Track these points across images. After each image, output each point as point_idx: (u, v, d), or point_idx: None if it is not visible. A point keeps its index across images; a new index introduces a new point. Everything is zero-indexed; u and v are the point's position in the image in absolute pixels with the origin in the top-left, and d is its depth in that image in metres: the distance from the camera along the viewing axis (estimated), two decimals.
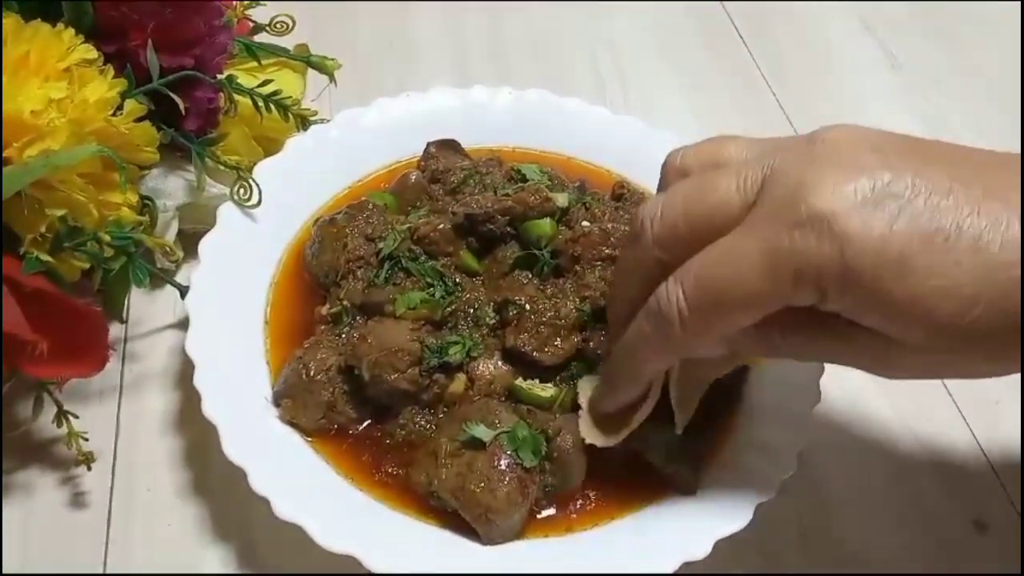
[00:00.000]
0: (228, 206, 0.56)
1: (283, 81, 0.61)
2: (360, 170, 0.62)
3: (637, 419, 0.46)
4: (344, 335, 0.52)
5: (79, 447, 0.49)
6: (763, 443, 0.49)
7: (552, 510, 0.48)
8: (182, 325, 0.55)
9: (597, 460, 0.48)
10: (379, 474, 0.48)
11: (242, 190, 0.56)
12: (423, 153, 0.61)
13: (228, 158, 0.57)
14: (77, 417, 0.49)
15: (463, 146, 0.62)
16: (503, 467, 0.46)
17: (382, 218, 0.55)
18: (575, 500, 0.48)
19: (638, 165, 0.63)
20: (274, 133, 0.61)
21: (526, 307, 0.51)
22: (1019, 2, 0.86)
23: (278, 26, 0.63)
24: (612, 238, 0.53)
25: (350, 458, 0.49)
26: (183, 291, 0.53)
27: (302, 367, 0.50)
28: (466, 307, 0.52)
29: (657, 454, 0.48)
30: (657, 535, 0.46)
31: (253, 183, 0.56)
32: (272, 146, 0.61)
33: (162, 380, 0.55)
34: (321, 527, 0.44)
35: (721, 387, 0.50)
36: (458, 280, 0.53)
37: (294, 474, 0.47)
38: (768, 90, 0.79)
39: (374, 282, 0.52)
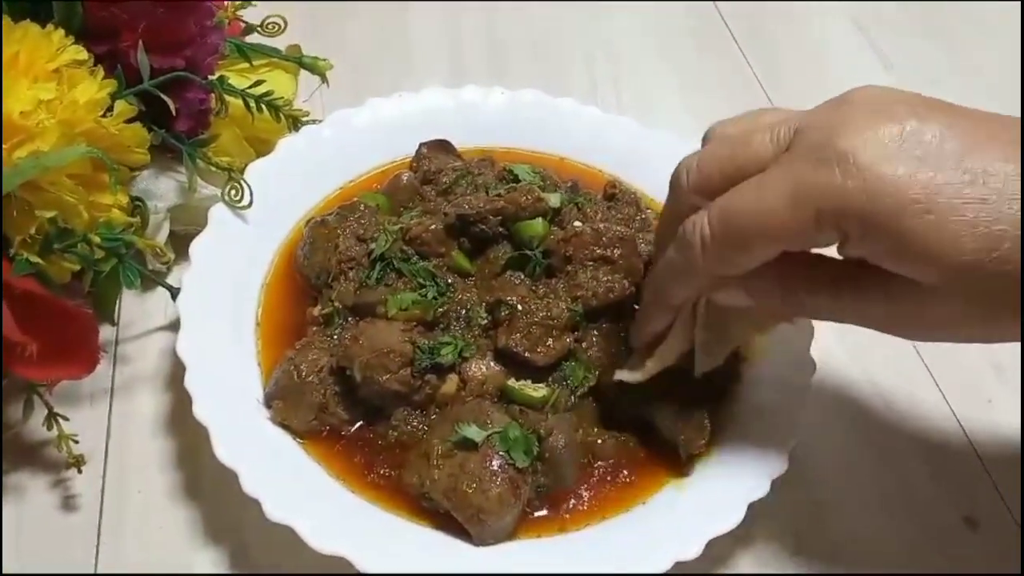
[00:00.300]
0: (219, 207, 0.56)
1: (275, 82, 0.61)
2: (352, 171, 0.62)
3: (660, 353, 0.47)
4: (336, 336, 0.52)
5: (70, 450, 0.49)
6: (755, 441, 0.49)
7: (544, 511, 0.48)
8: (173, 327, 0.55)
9: (589, 459, 0.48)
10: (371, 475, 0.48)
11: (233, 191, 0.56)
12: (415, 154, 0.61)
13: (219, 159, 0.57)
14: (68, 419, 0.49)
15: (455, 146, 0.62)
16: (495, 468, 0.46)
17: (374, 219, 0.55)
18: (567, 500, 0.48)
19: (631, 166, 0.63)
20: (266, 134, 0.61)
21: (518, 307, 0.51)
22: (1017, 1, 0.86)
23: (270, 27, 0.62)
24: (604, 238, 0.53)
25: (342, 459, 0.49)
26: (174, 293, 0.53)
27: (293, 368, 0.50)
28: (458, 308, 0.52)
29: (664, 416, 0.49)
30: (649, 535, 0.46)
31: (244, 184, 0.56)
32: (264, 147, 0.61)
33: (153, 382, 0.55)
34: (313, 529, 0.44)
35: (713, 387, 0.50)
36: (450, 281, 0.53)
37: (285, 476, 0.47)
38: (761, 91, 0.79)
39: (366, 283, 0.52)
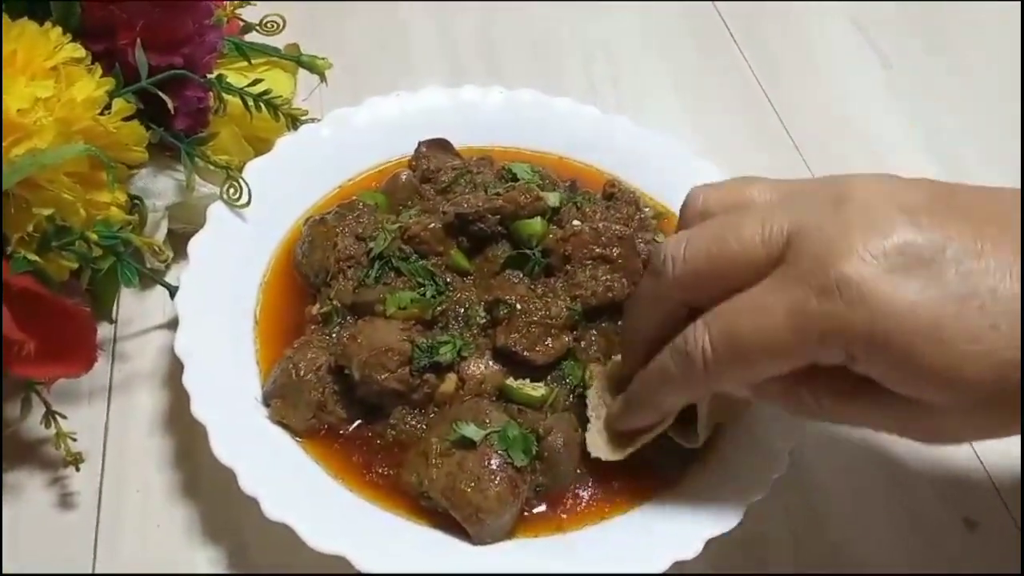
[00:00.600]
0: (218, 206, 0.56)
1: (273, 80, 0.61)
2: (351, 169, 0.61)
3: (643, 440, 0.46)
4: (334, 335, 0.52)
5: (67, 448, 0.49)
6: (754, 442, 0.49)
7: (543, 508, 0.48)
8: (171, 325, 0.55)
9: (588, 459, 0.48)
10: (369, 474, 0.48)
11: (232, 190, 0.56)
12: (414, 152, 0.61)
13: (218, 158, 0.56)
14: (65, 418, 0.49)
15: (454, 145, 0.62)
16: (493, 467, 0.46)
17: (372, 217, 0.55)
18: (566, 500, 0.48)
19: (630, 165, 0.63)
20: (264, 133, 0.61)
21: (517, 306, 0.51)
22: (1017, 1, 0.86)
23: (268, 26, 0.62)
24: (603, 237, 0.53)
25: (340, 458, 0.48)
26: (172, 291, 0.53)
27: (292, 367, 0.49)
28: (457, 307, 0.52)
29: (650, 445, 0.48)
30: (648, 535, 0.46)
31: (243, 183, 0.56)
32: (262, 146, 0.60)
33: (151, 380, 0.55)
34: (311, 528, 0.44)
35: None
36: (449, 280, 0.53)
37: (284, 474, 0.47)
38: (760, 89, 0.79)
39: (364, 282, 0.52)
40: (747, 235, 0.39)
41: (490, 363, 0.51)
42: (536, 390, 0.50)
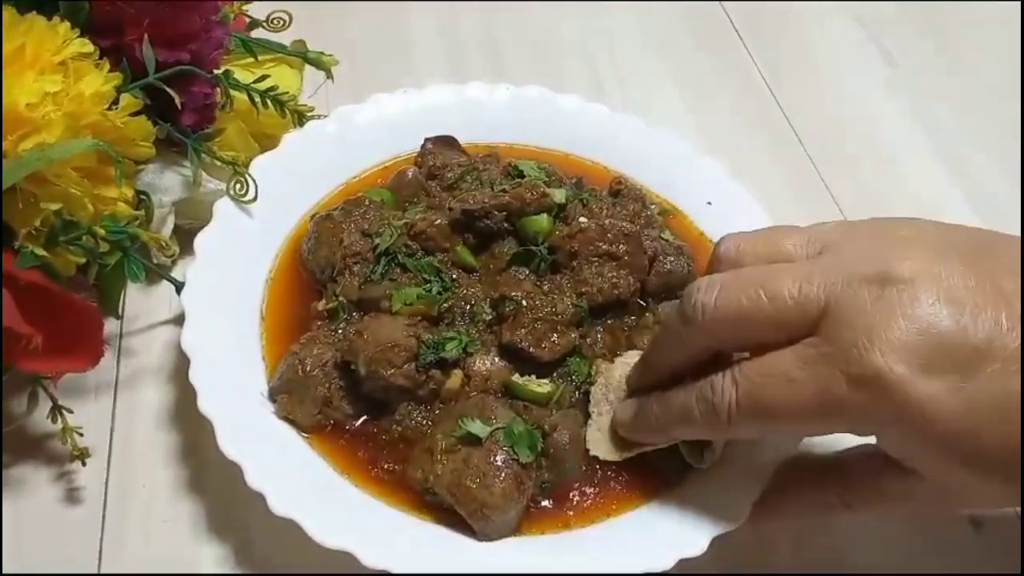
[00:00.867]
0: (224, 201, 0.56)
1: (280, 77, 0.61)
2: (357, 166, 0.61)
3: (644, 449, 0.47)
4: (340, 331, 0.52)
5: (74, 443, 0.49)
6: (759, 441, 0.49)
7: (548, 503, 0.48)
8: (178, 321, 0.55)
9: (593, 457, 0.48)
10: (375, 470, 0.48)
11: (238, 185, 0.56)
12: (420, 149, 0.61)
13: (224, 153, 0.57)
14: (72, 412, 0.49)
15: (460, 142, 0.62)
16: (499, 463, 0.46)
17: (379, 214, 0.55)
18: (572, 496, 0.48)
19: (636, 162, 0.63)
20: (270, 129, 0.61)
21: (523, 303, 0.51)
22: (1018, 1, 0.86)
23: (275, 22, 0.62)
24: (609, 234, 0.53)
25: (346, 454, 0.48)
26: (179, 287, 0.53)
27: (298, 363, 0.49)
28: (463, 303, 0.52)
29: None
30: (654, 532, 0.46)
31: (249, 178, 0.56)
32: (268, 142, 0.61)
33: (158, 376, 0.55)
34: (317, 523, 0.44)
35: None
36: (455, 276, 0.53)
37: (290, 470, 0.47)
38: (765, 87, 0.79)
39: (370, 278, 0.52)
40: (781, 294, 0.38)
41: (496, 359, 0.51)
42: (542, 387, 0.50)
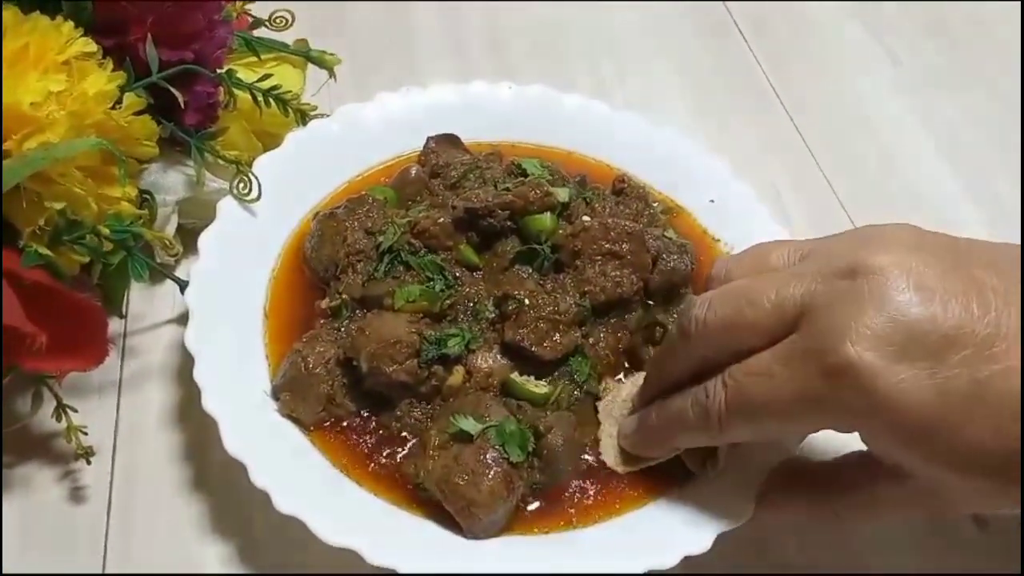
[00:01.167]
0: (228, 200, 0.56)
1: (282, 76, 0.61)
2: (360, 164, 0.61)
3: (649, 463, 0.48)
4: (343, 329, 0.52)
5: (78, 441, 0.49)
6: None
7: (539, 504, 0.48)
8: (182, 320, 0.55)
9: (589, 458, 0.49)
10: (374, 465, 0.48)
11: (242, 184, 0.56)
12: (423, 147, 0.61)
13: (227, 152, 0.57)
14: (76, 411, 0.49)
15: (463, 141, 0.62)
16: (488, 461, 0.46)
17: (382, 212, 0.55)
18: (575, 496, 0.48)
19: (639, 161, 0.63)
20: (273, 128, 0.61)
21: (525, 302, 0.51)
22: (1019, 1, 0.86)
23: (277, 21, 0.62)
24: (612, 233, 0.53)
25: (349, 451, 0.48)
26: (182, 286, 0.53)
27: (301, 360, 0.50)
28: (465, 301, 0.52)
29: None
30: (658, 530, 0.46)
31: (253, 177, 0.56)
32: (271, 141, 0.61)
33: (161, 375, 0.55)
34: (322, 521, 0.44)
35: None
36: (458, 274, 0.53)
37: (294, 468, 0.47)
38: (769, 86, 0.79)
39: (373, 276, 0.52)
40: (761, 300, 0.40)
41: (498, 357, 0.51)
42: (539, 387, 0.50)
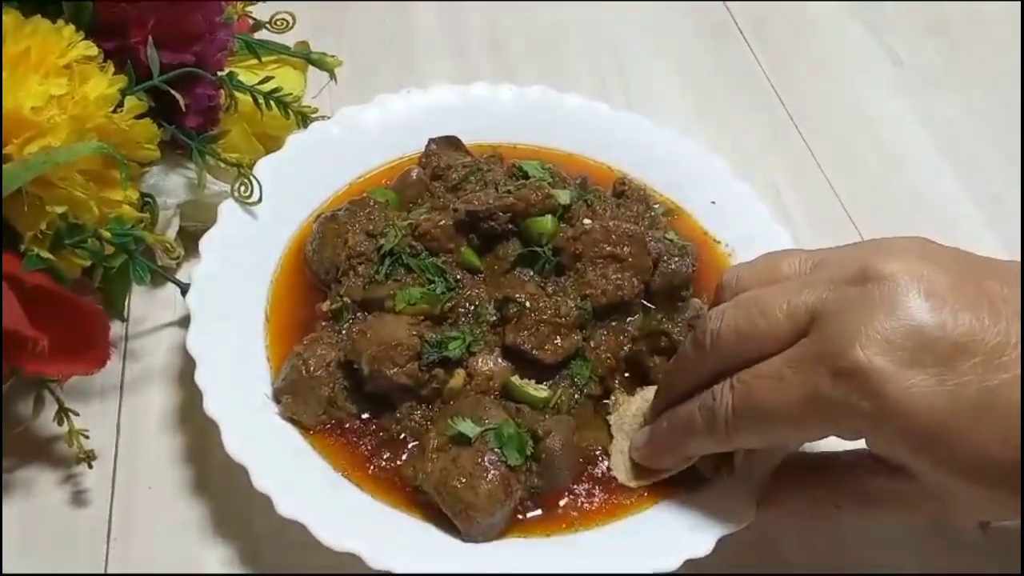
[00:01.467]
0: (229, 203, 0.56)
1: (283, 78, 0.61)
2: (361, 167, 0.61)
3: (660, 477, 0.48)
4: (344, 331, 0.52)
5: (80, 445, 0.49)
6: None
7: (537, 509, 0.47)
8: (183, 323, 0.55)
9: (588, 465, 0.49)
10: (375, 468, 0.48)
11: (243, 187, 0.56)
12: (424, 150, 0.61)
13: (229, 155, 0.57)
14: (78, 415, 0.49)
15: (464, 143, 0.62)
16: (487, 464, 0.46)
17: (383, 214, 0.55)
18: (559, 503, 0.48)
19: (639, 162, 0.63)
20: (275, 130, 0.61)
21: (526, 305, 0.51)
22: (1019, 1, 0.86)
23: (278, 23, 0.62)
24: (613, 235, 0.52)
25: (350, 454, 0.48)
26: (184, 289, 0.53)
27: (302, 363, 0.50)
28: (466, 304, 0.52)
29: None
30: (660, 533, 0.46)
31: (254, 180, 0.56)
32: (273, 143, 0.61)
33: (163, 378, 0.55)
34: (322, 524, 0.44)
35: None
36: (459, 277, 0.53)
37: (296, 471, 0.47)
38: (770, 86, 0.78)
39: (375, 278, 0.52)
40: (772, 312, 0.41)
41: (499, 359, 0.51)
42: (540, 391, 0.50)
